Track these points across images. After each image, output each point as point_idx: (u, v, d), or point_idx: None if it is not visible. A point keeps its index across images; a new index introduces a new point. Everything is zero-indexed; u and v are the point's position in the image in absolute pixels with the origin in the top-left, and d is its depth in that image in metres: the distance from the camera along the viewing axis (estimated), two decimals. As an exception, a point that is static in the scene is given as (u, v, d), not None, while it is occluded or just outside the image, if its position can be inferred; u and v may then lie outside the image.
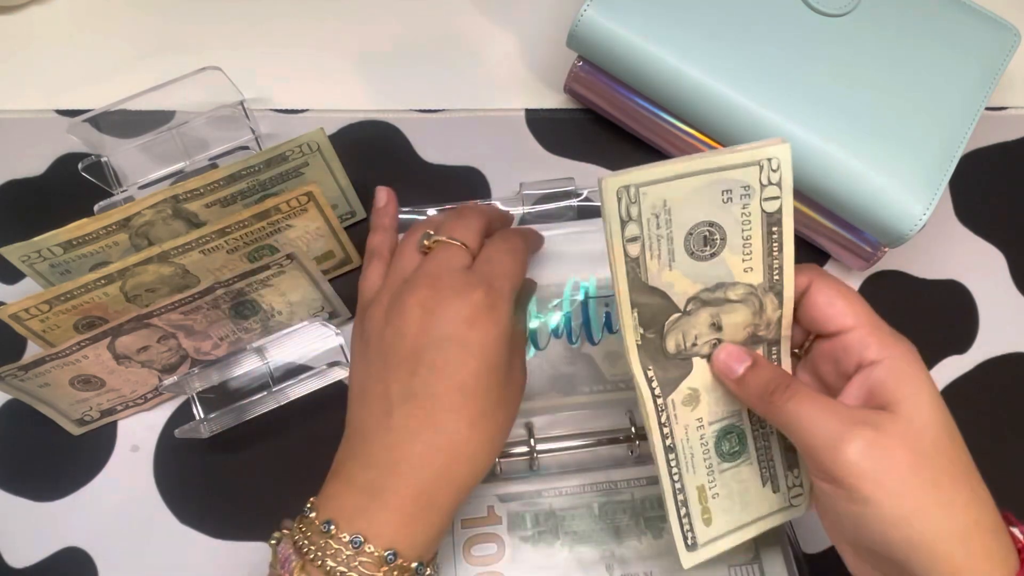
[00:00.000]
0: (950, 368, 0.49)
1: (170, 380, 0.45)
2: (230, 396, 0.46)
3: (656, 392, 0.35)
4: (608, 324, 0.46)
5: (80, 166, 0.48)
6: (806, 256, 0.51)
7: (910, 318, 0.38)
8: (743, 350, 0.35)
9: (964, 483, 0.31)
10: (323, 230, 0.46)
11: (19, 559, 0.44)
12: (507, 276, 0.37)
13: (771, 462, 0.37)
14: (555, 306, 0.46)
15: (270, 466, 0.46)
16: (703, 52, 0.46)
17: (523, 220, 0.48)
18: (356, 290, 0.41)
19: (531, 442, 0.43)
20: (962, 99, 0.47)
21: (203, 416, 0.46)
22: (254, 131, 0.51)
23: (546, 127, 0.54)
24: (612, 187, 0.31)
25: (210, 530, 0.45)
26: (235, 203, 0.46)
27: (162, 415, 0.47)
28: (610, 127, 0.53)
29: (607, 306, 0.46)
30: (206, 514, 0.45)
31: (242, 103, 0.50)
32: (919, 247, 0.51)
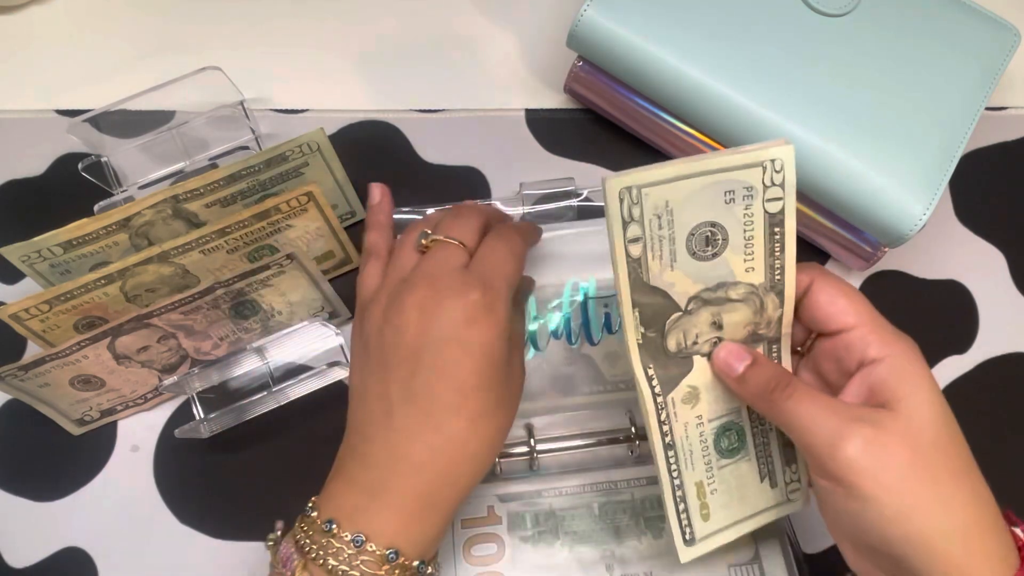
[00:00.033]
0: (950, 368, 0.49)
1: (170, 380, 0.45)
2: (230, 396, 0.46)
3: (656, 390, 0.35)
4: (607, 325, 0.46)
5: (80, 166, 0.48)
6: (806, 256, 0.51)
7: (910, 318, 0.37)
8: (743, 348, 0.35)
9: (964, 481, 0.31)
10: (323, 230, 0.46)
11: (19, 559, 0.44)
12: (504, 275, 0.37)
13: (769, 458, 0.38)
14: (554, 307, 0.46)
15: (270, 466, 0.46)
16: (703, 52, 0.46)
17: (523, 220, 0.48)
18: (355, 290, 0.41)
19: (531, 442, 0.43)
20: (962, 99, 0.47)
21: (203, 416, 0.46)
22: (254, 131, 0.51)
23: (546, 127, 0.54)
24: (615, 188, 0.31)
25: (210, 530, 0.45)
26: (235, 203, 0.46)
27: (162, 415, 0.47)
28: (610, 127, 0.53)
29: (606, 307, 0.46)
30: (206, 514, 0.45)
31: (242, 103, 0.50)
32: (919, 247, 0.51)
